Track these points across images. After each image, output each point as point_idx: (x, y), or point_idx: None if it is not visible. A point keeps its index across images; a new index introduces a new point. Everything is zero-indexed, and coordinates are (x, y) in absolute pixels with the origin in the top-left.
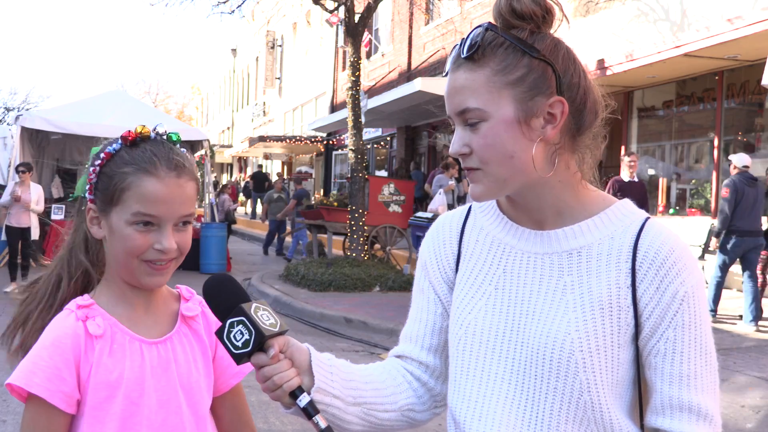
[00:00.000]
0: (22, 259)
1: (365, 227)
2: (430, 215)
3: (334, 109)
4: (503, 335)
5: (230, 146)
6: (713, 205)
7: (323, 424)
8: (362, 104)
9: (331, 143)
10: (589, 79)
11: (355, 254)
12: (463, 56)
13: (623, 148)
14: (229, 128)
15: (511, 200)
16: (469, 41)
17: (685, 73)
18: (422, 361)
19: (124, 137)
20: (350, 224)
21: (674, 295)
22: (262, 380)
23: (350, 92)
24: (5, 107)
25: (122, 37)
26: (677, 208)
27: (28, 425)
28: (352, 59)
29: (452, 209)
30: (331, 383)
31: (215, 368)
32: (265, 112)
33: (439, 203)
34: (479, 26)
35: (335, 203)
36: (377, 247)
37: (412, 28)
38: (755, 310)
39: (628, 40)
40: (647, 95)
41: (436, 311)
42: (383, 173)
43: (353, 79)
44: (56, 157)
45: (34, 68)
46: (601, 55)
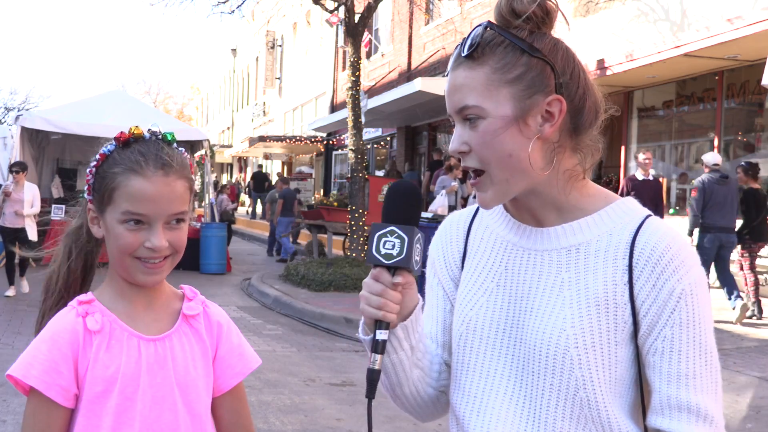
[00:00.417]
0: (19, 259)
1: (365, 227)
2: (430, 215)
3: (334, 109)
4: (503, 331)
5: (230, 146)
6: None
7: (376, 366)
8: (362, 104)
9: (331, 143)
10: (589, 79)
11: (355, 254)
12: (463, 55)
13: (623, 148)
14: (229, 128)
15: (513, 199)
16: (469, 40)
17: (685, 73)
18: (439, 355)
19: (116, 138)
20: (350, 224)
21: (671, 292)
22: (369, 292)
23: (350, 92)
24: (5, 107)
25: (122, 37)
26: (677, 208)
27: (28, 418)
28: (352, 59)
29: (453, 210)
30: (413, 336)
31: (216, 368)
32: (265, 112)
33: (439, 204)
34: (479, 25)
35: (335, 203)
36: None
37: (412, 28)
38: (737, 297)
39: (628, 40)
40: (647, 95)
41: (445, 308)
42: (381, 173)
43: (353, 79)
44: (56, 157)
45: (34, 68)
46: (601, 55)
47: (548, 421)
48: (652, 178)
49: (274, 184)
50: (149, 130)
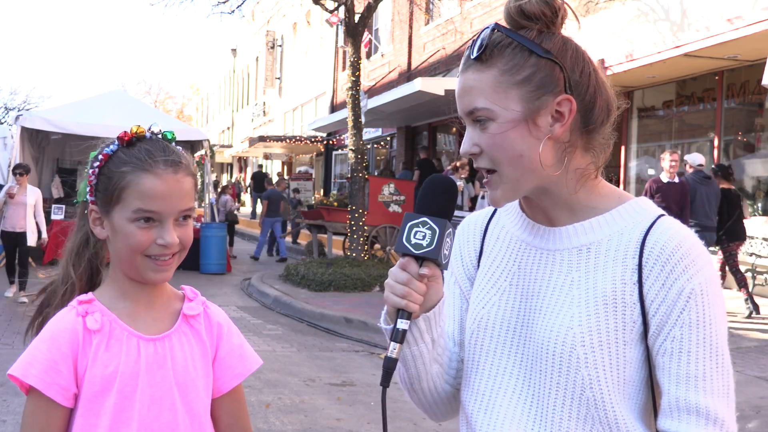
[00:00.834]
0: (19, 266)
1: (365, 227)
2: None
3: (334, 109)
4: (513, 330)
5: (230, 146)
6: None
7: (393, 355)
8: (362, 104)
9: (331, 143)
10: (600, 77)
11: (355, 254)
12: (472, 57)
13: (623, 148)
14: (229, 128)
15: (527, 199)
16: (477, 42)
17: (685, 73)
18: (456, 353)
19: (120, 138)
20: (350, 224)
21: (680, 292)
22: (395, 281)
23: (350, 92)
24: (5, 107)
25: (123, 37)
26: None
27: (28, 417)
28: (352, 59)
29: (459, 210)
30: (435, 329)
31: (217, 368)
32: (265, 112)
33: None
34: (487, 27)
35: (335, 203)
36: (377, 247)
37: (412, 28)
38: None
39: (628, 40)
40: (647, 95)
41: (461, 306)
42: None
43: (353, 79)
44: (56, 157)
45: (34, 68)
46: (601, 55)
47: (555, 420)
48: (677, 180)
49: (276, 183)
50: (150, 129)
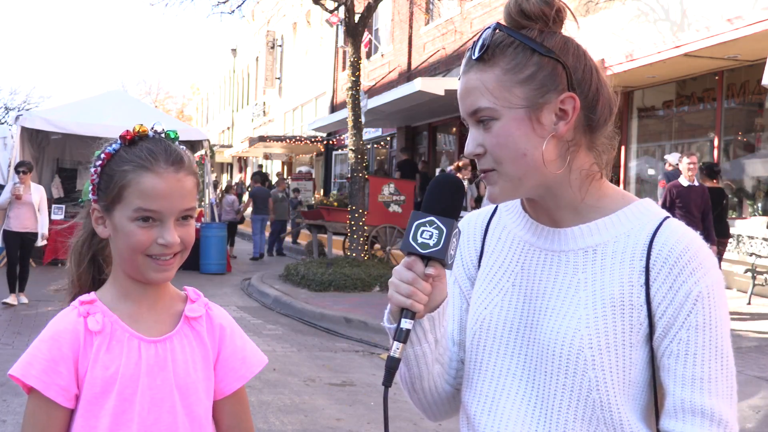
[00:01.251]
0: (20, 270)
1: (365, 227)
2: None
3: (334, 109)
4: (516, 331)
5: (230, 146)
6: None
7: (396, 354)
8: (362, 104)
9: (331, 143)
10: (601, 75)
11: (355, 254)
12: (473, 58)
13: (623, 148)
14: (229, 128)
15: (530, 199)
16: (479, 43)
17: (685, 73)
18: (456, 353)
19: (122, 136)
20: (350, 224)
21: (687, 294)
22: (400, 279)
23: (350, 92)
24: (5, 107)
25: (123, 37)
26: None
27: (29, 417)
28: (352, 59)
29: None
30: (438, 329)
31: (219, 370)
32: (265, 112)
33: None
34: (488, 27)
35: (335, 203)
36: (377, 247)
37: (412, 28)
38: None
39: (628, 40)
40: (647, 95)
41: (461, 306)
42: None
43: (353, 79)
44: (56, 157)
45: (34, 68)
46: (601, 55)
47: (560, 422)
48: (697, 183)
49: (274, 183)
50: (152, 128)
